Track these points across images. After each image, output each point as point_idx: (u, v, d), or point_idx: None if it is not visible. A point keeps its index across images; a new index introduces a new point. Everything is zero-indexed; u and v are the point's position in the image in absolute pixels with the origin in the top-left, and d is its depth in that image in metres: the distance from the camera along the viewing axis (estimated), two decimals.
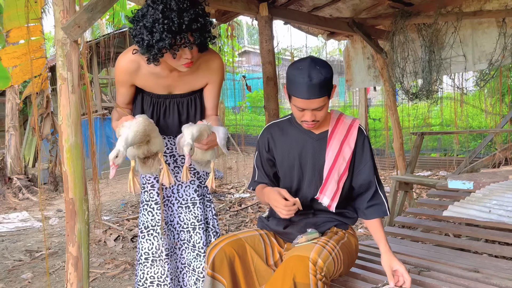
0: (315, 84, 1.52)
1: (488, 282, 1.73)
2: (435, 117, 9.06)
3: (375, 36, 4.08)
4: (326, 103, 1.59)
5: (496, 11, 3.39)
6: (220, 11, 3.40)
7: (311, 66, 1.55)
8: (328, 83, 1.56)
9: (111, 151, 1.55)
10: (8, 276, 3.32)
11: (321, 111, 1.60)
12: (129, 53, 1.79)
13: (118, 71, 1.84)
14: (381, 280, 1.76)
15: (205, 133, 1.77)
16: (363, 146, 1.70)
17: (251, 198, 5.64)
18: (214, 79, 1.93)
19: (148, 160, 1.79)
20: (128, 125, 1.63)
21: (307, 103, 1.56)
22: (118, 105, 1.93)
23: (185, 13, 1.57)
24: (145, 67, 1.80)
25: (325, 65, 1.58)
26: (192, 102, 1.95)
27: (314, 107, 1.57)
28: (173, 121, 1.95)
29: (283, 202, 1.55)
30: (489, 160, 4.70)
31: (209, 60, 1.88)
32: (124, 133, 1.61)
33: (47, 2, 5.59)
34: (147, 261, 1.99)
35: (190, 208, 2.02)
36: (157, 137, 1.75)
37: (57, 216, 5.32)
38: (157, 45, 1.59)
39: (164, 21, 1.54)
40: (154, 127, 1.73)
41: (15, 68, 3.17)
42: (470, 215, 2.22)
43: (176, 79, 1.87)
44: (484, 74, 3.72)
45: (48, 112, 5.84)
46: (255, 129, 11.43)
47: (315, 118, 1.60)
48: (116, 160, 1.53)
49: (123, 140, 1.58)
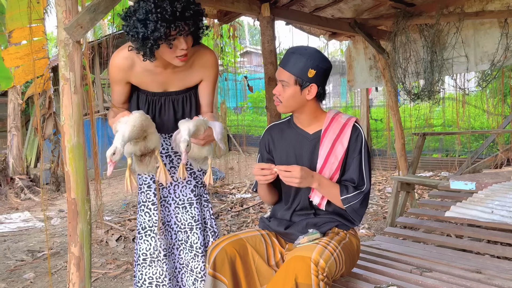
0: (290, 57, 1.62)
1: (490, 283, 1.72)
2: (437, 117, 9.04)
3: (377, 36, 4.08)
4: (290, 85, 1.62)
5: (498, 12, 3.38)
6: (222, 12, 3.40)
7: (304, 47, 1.65)
8: (301, 67, 1.60)
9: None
10: (10, 276, 3.32)
11: (285, 90, 1.64)
12: (123, 50, 1.81)
13: (112, 68, 1.85)
14: (382, 281, 1.76)
15: (201, 128, 1.77)
16: (356, 142, 1.68)
17: (253, 198, 5.64)
18: (208, 75, 1.94)
19: (145, 158, 1.78)
20: (124, 121, 1.62)
21: (279, 71, 1.65)
22: (114, 104, 1.94)
23: (177, 1, 1.60)
24: (139, 64, 1.81)
25: (315, 53, 1.63)
26: (187, 99, 1.96)
27: (280, 78, 1.64)
28: (169, 118, 1.96)
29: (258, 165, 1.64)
30: (491, 160, 4.69)
31: (203, 56, 1.89)
32: (121, 129, 1.59)
33: (49, 3, 5.59)
34: (145, 262, 1.99)
35: (187, 208, 2.02)
36: (154, 133, 1.74)
37: (59, 216, 5.33)
38: (153, 36, 1.60)
39: (157, 10, 1.57)
40: (151, 123, 1.72)
41: (18, 69, 3.18)
42: (472, 215, 2.22)
43: (171, 76, 1.88)
44: (486, 75, 3.71)
45: (50, 113, 5.85)
46: (256, 130, 11.41)
47: (278, 94, 1.66)
48: (113, 157, 1.52)
49: (120, 136, 1.57)
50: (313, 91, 1.63)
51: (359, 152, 1.68)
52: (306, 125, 1.74)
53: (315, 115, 1.72)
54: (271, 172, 1.60)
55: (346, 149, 1.67)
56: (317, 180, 1.62)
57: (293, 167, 1.58)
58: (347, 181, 1.68)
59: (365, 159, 1.68)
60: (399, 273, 1.86)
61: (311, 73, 1.60)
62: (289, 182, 1.59)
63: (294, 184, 1.59)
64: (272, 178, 1.62)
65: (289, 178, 1.57)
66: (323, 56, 1.66)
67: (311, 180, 1.61)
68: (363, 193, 1.66)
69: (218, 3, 2.93)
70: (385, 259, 2.07)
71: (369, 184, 1.68)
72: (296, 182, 1.57)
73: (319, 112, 1.73)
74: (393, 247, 2.28)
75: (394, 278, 1.82)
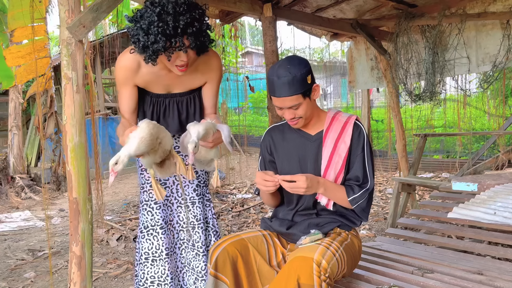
0: (284, 83, 1.56)
1: (492, 285, 1.72)
2: (438, 118, 9.03)
3: (378, 37, 4.08)
4: (301, 102, 1.59)
5: (500, 13, 3.38)
6: (223, 12, 3.40)
7: (282, 65, 1.59)
8: (299, 81, 1.56)
9: (113, 151, 1.54)
10: (10, 275, 3.32)
11: (298, 109, 1.61)
12: (128, 53, 1.80)
13: (119, 70, 1.83)
14: (384, 282, 1.76)
15: (211, 131, 1.77)
16: (358, 140, 1.68)
17: (254, 199, 5.64)
18: (212, 77, 1.94)
19: (165, 162, 1.76)
20: (133, 135, 1.59)
21: (280, 101, 1.60)
22: (123, 115, 1.88)
23: (181, 17, 1.59)
24: (144, 65, 1.81)
25: (298, 63, 1.59)
26: (191, 101, 1.96)
27: (288, 106, 1.60)
28: (173, 120, 1.96)
29: (260, 175, 1.61)
30: (492, 162, 4.68)
31: (207, 59, 1.89)
32: (129, 142, 1.57)
33: (51, 2, 5.60)
34: (147, 261, 1.99)
35: (189, 207, 2.03)
36: (166, 135, 1.72)
37: (59, 215, 5.33)
38: (152, 47, 1.60)
39: (159, 23, 1.56)
40: (160, 127, 1.70)
41: (19, 68, 3.19)
42: (475, 217, 2.22)
43: (175, 78, 1.87)
44: (487, 76, 3.71)
45: (51, 112, 5.86)
46: (257, 130, 11.42)
47: (295, 116, 1.63)
48: (115, 167, 1.51)
49: (127, 148, 1.55)
50: (318, 89, 1.64)
51: (362, 149, 1.68)
52: (308, 126, 1.73)
53: (317, 114, 1.72)
54: (275, 184, 1.59)
55: (349, 147, 1.67)
56: (323, 185, 1.62)
57: (297, 176, 1.56)
58: (351, 180, 1.68)
59: (368, 156, 1.69)
60: (400, 274, 1.86)
61: (308, 79, 1.59)
62: (295, 192, 1.58)
63: (301, 193, 1.58)
64: (275, 189, 1.61)
65: (295, 188, 1.56)
66: (298, 58, 1.63)
67: (317, 186, 1.60)
68: (368, 191, 1.67)
69: (220, 3, 2.93)
70: (386, 260, 2.06)
71: (372, 180, 1.69)
72: (303, 191, 1.56)
73: (320, 111, 1.74)
74: (394, 248, 2.28)
75: (396, 279, 1.81)
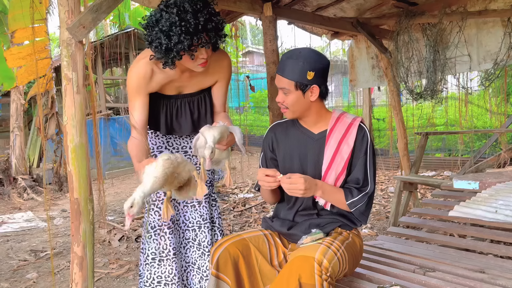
0: (287, 64, 1.60)
1: (494, 283, 1.72)
2: (440, 117, 9.01)
3: (379, 36, 4.07)
4: (292, 91, 1.60)
5: (501, 11, 3.37)
6: (224, 11, 3.39)
7: (299, 50, 1.62)
8: (299, 70, 1.57)
9: (115, 151, 1.53)
10: (13, 276, 3.33)
11: (288, 98, 1.62)
12: (142, 60, 1.79)
13: (133, 79, 1.79)
14: (386, 280, 1.76)
15: (225, 134, 1.76)
16: (362, 143, 1.67)
17: (255, 198, 5.64)
18: (223, 76, 1.96)
19: (183, 188, 1.69)
20: (147, 173, 1.51)
21: (278, 79, 1.63)
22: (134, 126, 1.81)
23: (200, 14, 1.60)
24: (158, 71, 1.81)
25: (310, 55, 1.60)
26: (202, 100, 1.98)
27: (281, 86, 1.62)
28: (186, 120, 1.97)
29: (262, 171, 1.61)
30: (494, 160, 4.66)
31: (218, 59, 1.90)
32: (143, 181, 1.50)
33: (51, 3, 5.61)
34: (154, 261, 1.99)
35: (195, 206, 2.04)
36: (184, 168, 1.63)
37: (61, 216, 5.33)
38: (176, 48, 1.61)
39: (181, 23, 1.57)
40: (178, 162, 1.59)
41: (20, 69, 3.19)
42: (476, 215, 2.21)
43: (188, 80, 1.89)
44: (489, 74, 3.69)
45: (53, 113, 5.86)
46: (258, 129, 11.42)
47: (282, 101, 1.64)
48: (131, 210, 1.42)
49: (141, 189, 1.47)
50: (316, 92, 1.62)
51: (365, 152, 1.67)
52: (311, 125, 1.73)
53: (321, 114, 1.71)
54: (275, 180, 1.59)
55: (352, 149, 1.66)
56: (321, 187, 1.61)
57: (296, 178, 1.55)
58: (351, 182, 1.68)
59: (371, 159, 1.68)
60: (402, 273, 1.85)
61: (310, 75, 1.58)
62: (293, 193, 1.57)
63: (298, 195, 1.57)
64: (276, 185, 1.61)
65: (293, 190, 1.56)
66: (319, 54, 1.63)
67: (315, 189, 1.60)
68: (367, 195, 1.65)
69: (220, 3, 2.92)
70: (388, 258, 2.06)
71: (373, 184, 1.67)
72: (301, 193, 1.56)
73: (324, 111, 1.72)
74: (396, 247, 2.28)
75: (397, 278, 1.81)
